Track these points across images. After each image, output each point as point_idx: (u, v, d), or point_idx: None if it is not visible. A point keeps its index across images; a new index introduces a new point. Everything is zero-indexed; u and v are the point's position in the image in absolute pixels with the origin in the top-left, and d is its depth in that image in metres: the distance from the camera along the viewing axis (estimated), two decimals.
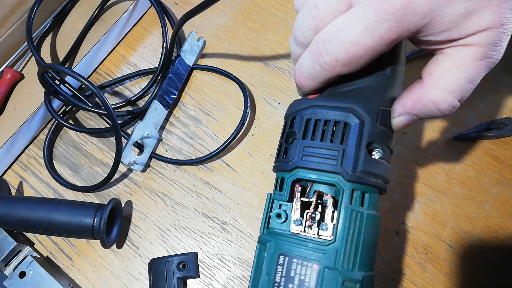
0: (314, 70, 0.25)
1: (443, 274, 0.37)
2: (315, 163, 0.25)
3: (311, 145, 0.25)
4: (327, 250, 0.24)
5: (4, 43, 0.47)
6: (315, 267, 0.23)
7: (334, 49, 0.23)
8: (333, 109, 0.26)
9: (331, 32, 0.23)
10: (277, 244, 0.25)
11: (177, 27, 0.42)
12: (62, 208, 0.38)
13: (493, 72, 0.45)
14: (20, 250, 0.40)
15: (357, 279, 0.23)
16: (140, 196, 0.43)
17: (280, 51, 0.48)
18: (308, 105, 0.27)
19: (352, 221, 0.24)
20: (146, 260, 0.40)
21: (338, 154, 0.25)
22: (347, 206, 0.24)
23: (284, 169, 0.26)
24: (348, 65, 0.24)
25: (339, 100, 0.26)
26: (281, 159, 0.27)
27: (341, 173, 0.24)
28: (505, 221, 0.38)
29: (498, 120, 0.41)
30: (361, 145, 0.25)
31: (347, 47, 0.23)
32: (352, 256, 0.24)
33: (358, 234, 0.24)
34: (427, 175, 0.40)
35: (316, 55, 0.24)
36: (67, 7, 0.51)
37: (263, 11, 0.50)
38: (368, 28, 0.22)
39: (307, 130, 0.26)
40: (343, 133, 0.25)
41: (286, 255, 0.24)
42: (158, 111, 0.44)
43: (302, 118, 0.26)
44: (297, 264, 0.24)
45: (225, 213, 0.42)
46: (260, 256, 0.26)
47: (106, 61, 0.50)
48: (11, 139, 0.44)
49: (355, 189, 0.25)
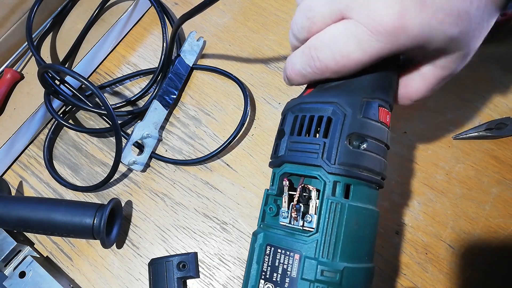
0: (305, 70, 0.26)
1: (443, 274, 0.37)
2: (299, 157, 0.26)
3: (297, 140, 0.26)
4: (308, 241, 0.24)
5: (4, 43, 0.47)
6: (297, 256, 0.24)
7: (325, 58, 0.25)
8: (318, 104, 0.27)
9: (324, 41, 0.24)
10: (266, 236, 0.26)
11: (176, 27, 0.42)
12: (62, 208, 0.38)
13: (493, 72, 0.45)
14: (20, 250, 0.40)
15: (337, 269, 0.24)
16: (140, 196, 0.43)
17: (280, 51, 0.48)
18: (297, 103, 0.28)
19: (332, 212, 0.25)
20: (146, 260, 0.40)
21: (319, 148, 0.25)
22: (328, 198, 0.25)
23: (274, 165, 0.28)
24: (337, 73, 0.25)
25: (323, 96, 0.27)
26: (273, 155, 0.28)
27: (322, 166, 0.25)
28: (505, 221, 0.38)
29: (498, 120, 0.41)
30: (341, 137, 0.25)
31: (338, 58, 0.24)
32: (332, 246, 0.24)
33: (339, 225, 0.25)
34: (427, 175, 0.40)
35: (308, 58, 0.26)
36: (67, 7, 0.51)
37: (263, 11, 0.50)
38: (360, 44, 0.23)
39: (294, 127, 0.27)
40: (327, 127, 0.26)
41: (272, 246, 0.26)
42: (158, 111, 0.44)
43: (291, 115, 0.28)
44: (281, 254, 0.25)
45: (225, 213, 0.42)
46: (252, 247, 0.27)
47: (106, 61, 0.50)
48: (11, 139, 0.44)
49: (337, 181, 0.25)
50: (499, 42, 0.44)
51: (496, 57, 0.44)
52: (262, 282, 0.25)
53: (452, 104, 0.43)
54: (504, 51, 0.44)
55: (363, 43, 0.23)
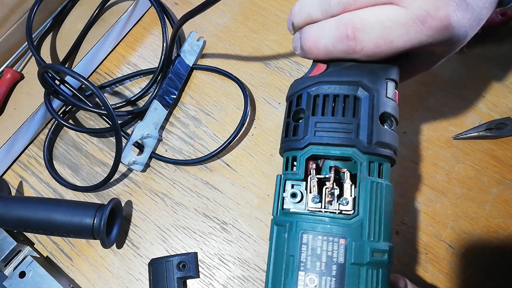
0: (334, 47, 0.25)
1: (443, 274, 0.37)
2: (329, 137, 0.25)
3: (323, 120, 0.25)
4: (352, 223, 0.23)
5: (4, 43, 0.47)
6: (342, 241, 0.23)
7: (366, 40, 0.23)
8: (341, 83, 0.25)
9: (368, 22, 0.23)
10: (298, 223, 0.24)
11: (177, 28, 0.42)
12: (62, 208, 0.38)
13: (493, 72, 0.45)
14: (20, 250, 0.40)
15: (384, 249, 0.23)
16: (140, 196, 0.43)
17: (280, 51, 0.48)
18: (313, 82, 0.26)
19: (374, 193, 0.24)
20: (146, 260, 0.40)
21: (353, 127, 0.24)
22: (367, 178, 0.24)
23: (295, 148, 0.26)
24: (370, 56, 0.24)
25: (345, 75, 0.26)
26: (291, 138, 0.26)
27: (357, 146, 0.24)
28: (505, 221, 0.38)
29: (498, 120, 0.41)
30: (373, 116, 0.25)
31: (380, 43, 0.23)
32: (377, 227, 0.23)
33: (380, 204, 0.24)
34: (427, 175, 0.40)
35: (343, 36, 0.24)
36: (67, 7, 0.51)
37: (263, 11, 0.50)
38: (407, 34, 0.22)
39: (316, 106, 0.26)
40: (354, 107, 0.25)
41: (310, 233, 0.23)
42: (158, 111, 0.44)
43: (309, 95, 0.26)
44: (322, 240, 0.23)
45: (225, 213, 0.42)
46: (280, 238, 0.25)
47: (106, 61, 0.50)
48: (11, 139, 0.43)
49: (371, 161, 0.24)
50: (499, 42, 0.44)
51: (496, 57, 0.44)
52: (301, 274, 0.23)
53: (452, 104, 0.43)
54: (504, 51, 0.44)
55: (411, 33, 0.22)
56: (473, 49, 0.45)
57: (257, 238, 0.40)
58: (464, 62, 0.44)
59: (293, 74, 0.47)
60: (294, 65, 0.47)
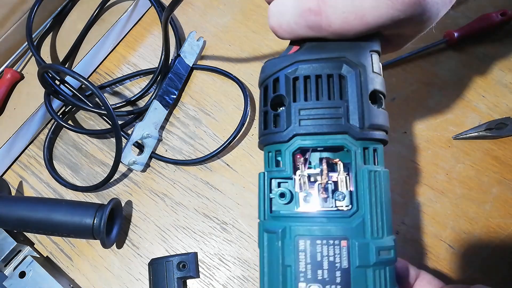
0: (297, 24, 0.22)
1: (443, 274, 0.37)
2: (316, 126, 0.21)
3: (307, 106, 0.22)
4: (352, 221, 0.21)
5: (4, 43, 0.47)
6: (344, 243, 0.20)
7: (332, 13, 0.21)
8: (321, 61, 0.22)
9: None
10: (292, 228, 0.21)
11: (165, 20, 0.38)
12: (62, 208, 0.38)
13: (493, 72, 0.45)
14: (20, 250, 0.40)
15: (390, 245, 0.21)
16: (140, 196, 0.43)
17: (280, 51, 0.47)
18: (290, 62, 0.23)
19: (372, 183, 0.21)
20: (146, 260, 0.40)
21: (342, 111, 0.21)
22: (363, 167, 0.21)
23: (278, 141, 0.23)
24: (339, 34, 0.22)
25: (325, 51, 0.22)
26: (272, 130, 0.23)
27: (348, 132, 0.21)
28: (505, 221, 0.38)
29: (498, 120, 0.41)
30: (363, 96, 0.22)
31: (349, 17, 0.21)
32: (380, 221, 0.21)
33: (380, 195, 0.21)
34: (427, 175, 0.40)
35: (305, 11, 0.21)
36: (67, 7, 0.51)
37: (263, 11, 0.50)
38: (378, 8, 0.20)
39: (297, 91, 0.22)
40: (340, 87, 0.22)
41: (307, 238, 0.21)
42: (158, 111, 0.44)
43: (287, 78, 0.23)
44: (321, 245, 0.20)
45: (225, 213, 0.42)
46: (273, 247, 0.22)
47: (106, 61, 0.50)
48: (11, 139, 0.43)
49: (366, 147, 0.22)
50: (499, 42, 0.44)
51: (496, 57, 0.44)
52: (302, 286, 0.20)
53: (452, 104, 0.43)
54: (504, 51, 0.44)
55: (382, 7, 0.20)
56: (473, 49, 0.45)
57: (257, 238, 0.40)
58: (464, 62, 0.44)
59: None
60: None
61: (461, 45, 0.44)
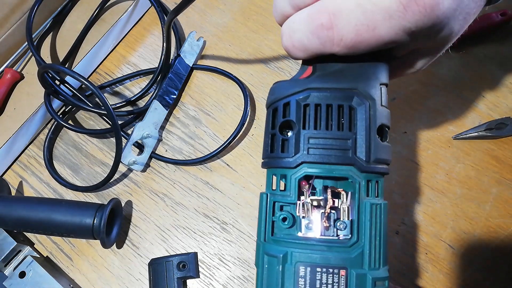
0: (309, 41, 0.22)
1: (443, 274, 0.37)
2: (324, 155, 0.22)
3: (317, 135, 0.22)
4: (352, 252, 0.21)
5: (4, 43, 0.47)
6: (343, 272, 0.21)
7: (344, 26, 0.21)
8: (333, 91, 0.23)
9: (346, 6, 0.21)
10: (293, 254, 0.22)
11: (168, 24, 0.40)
12: (62, 208, 0.38)
13: (493, 72, 0.45)
14: (20, 250, 0.40)
15: (385, 276, 0.22)
16: (140, 196, 0.43)
17: (280, 51, 0.48)
18: (302, 88, 0.23)
19: (374, 215, 0.22)
20: (146, 260, 0.40)
21: (350, 143, 0.22)
22: (365, 200, 0.22)
23: (285, 166, 0.23)
24: (351, 48, 0.21)
25: (337, 80, 0.23)
26: (280, 155, 0.23)
27: (355, 164, 0.22)
28: (505, 221, 0.38)
29: (498, 120, 0.41)
30: (371, 130, 0.22)
31: (360, 29, 0.21)
32: (377, 253, 0.22)
33: (380, 228, 0.22)
34: (427, 175, 0.40)
35: (318, 26, 0.21)
36: (67, 7, 0.51)
37: (263, 11, 0.50)
38: (390, 20, 0.20)
39: (307, 118, 0.23)
40: (350, 119, 0.22)
41: (307, 265, 0.21)
42: (158, 111, 0.44)
43: (298, 104, 0.23)
44: (321, 273, 0.21)
45: (225, 213, 0.42)
46: (273, 271, 0.22)
47: (106, 61, 0.50)
48: (11, 139, 0.44)
49: (369, 180, 0.22)
50: (499, 42, 0.44)
51: (496, 57, 0.44)
52: None
53: (452, 104, 0.43)
54: (504, 51, 0.44)
55: (394, 19, 0.20)
56: (473, 49, 0.45)
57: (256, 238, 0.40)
58: (464, 62, 0.44)
59: (293, 74, 0.46)
60: (294, 65, 0.47)
61: (461, 45, 0.44)
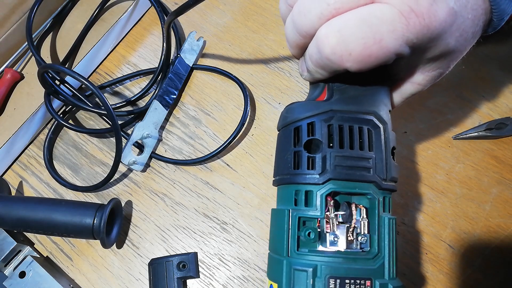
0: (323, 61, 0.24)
1: (443, 274, 0.37)
2: (350, 173, 0.24)
3: (343, 154, 0.24)
4: (375, 263, 0.23)
5: (4, 43, 0.47)
6: (368, 283, 0.23)
7: (352, 41, 0.22)
8: (354, 113, 0.25)
9: (352, 21, 0.22)
10: (323, 268, 0.23)
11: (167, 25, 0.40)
12: (62, 208, 0.38)
13: (493, 72, 0.45)
14: (20, 250, 0.40)
15: (401, 285, 0.24)
16: (140, 196, 0.43)
17: (280, 51, 0.48)
18: (325, 110, 0.25)
19: (391, 229, 0.24)
20: (146, 260, 0.40)
21: (371, 163, 0.24)
22: (383, 214, 0.24)
23: (312, 182, 0.24)
24: (361, 62, 0.22)
25: (357, 104, 0.25)
26: (305, 171, 0.24)
27: (375, 182, 0.24)
28: (505, 221, 0.38)
29: (498, 120, 0.41)
30: (387, 151, 0.25)
31: (368, 42, 0.21)
32: (394, 264, 0.24)
33: (394, 240, 0.24)
34: (427, 175, 0.40)
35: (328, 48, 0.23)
36: (67, 7, 0.51)
37: (263, 11, 0.50)
38: (395, 31, 0.21)
39: (333, 138, 0.24)
40: (369, 140, 0.24)
41: (337, 277, 0.23)
42: (158, 111, 0.44)
43: (322, 124, 0.25)
44: (349, 284, 0.22)
45: (225, 213, 0.42)
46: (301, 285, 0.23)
47: (106, 61, 0.50)
48: (11, 139, 0.43)
49: (385, 197, 0.25)
50: (499, 42, 0.45)
51: (496, 57, 0.44)
52: None
53: (452, 104, 0.43)
54: (504, 51, 0.44)
55: (398, 30, 0.21)
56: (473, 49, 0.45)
57: (257, 238, 0.40)
58: (464, 62, 0.44)
59: (293, 74, 0.47)
60: (294, 65, 0.47)
61: None
